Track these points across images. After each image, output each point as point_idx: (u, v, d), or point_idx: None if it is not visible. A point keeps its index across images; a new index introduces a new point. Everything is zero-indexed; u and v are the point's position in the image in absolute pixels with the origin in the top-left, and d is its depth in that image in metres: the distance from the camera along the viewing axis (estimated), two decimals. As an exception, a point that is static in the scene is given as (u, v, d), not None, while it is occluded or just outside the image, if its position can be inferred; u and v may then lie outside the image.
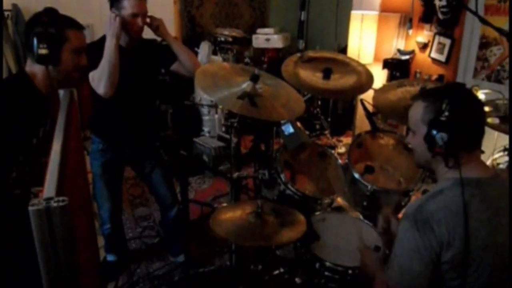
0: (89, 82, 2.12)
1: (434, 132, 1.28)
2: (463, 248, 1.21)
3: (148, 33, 2.35)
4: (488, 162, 2.70)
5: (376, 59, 4.12)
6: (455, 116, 1.25)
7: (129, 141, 2.39)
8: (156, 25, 2.26)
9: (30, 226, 0.74)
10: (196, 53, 4.57)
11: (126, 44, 2.23)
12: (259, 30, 5.56)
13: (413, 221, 1.27)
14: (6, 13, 4.16)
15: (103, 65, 2.06)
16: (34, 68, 1.59)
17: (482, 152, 1.36)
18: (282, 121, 2.10)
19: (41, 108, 1.61)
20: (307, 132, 2.57)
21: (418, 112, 1.34)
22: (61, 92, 1.63)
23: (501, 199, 1.29)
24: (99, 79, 2.07)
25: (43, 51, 1.52)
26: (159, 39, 2.38)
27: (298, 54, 2.50)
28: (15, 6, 4.22)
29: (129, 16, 2.13)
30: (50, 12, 1.58)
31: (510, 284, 1.27)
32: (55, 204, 0.72)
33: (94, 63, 2.15)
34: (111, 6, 2.17)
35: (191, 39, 5.26)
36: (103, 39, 2.17)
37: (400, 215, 1.92)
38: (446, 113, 1.25)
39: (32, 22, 1.55)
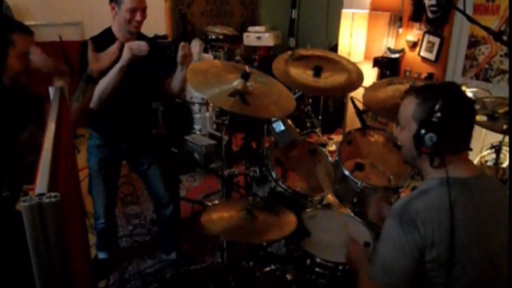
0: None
1: (424, 132, 1.26)
2: (448, 247, 1.20)
3: (147, 31, 2.34)
4: (476, 160, 2.74)
5: (366, 57, 4.14)
6: (447, 118, 1.24)
7: (127, 137, 2.38)
8: (187, 59, 2.23)
9: (20, 224, 0.74)
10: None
11: (125, 39, 2.21)
12: (250, 28, 5.56)
13: (399, 219, 1.26)
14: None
15: (102, 83, 2.06)
16: None
17: (470, 149, 1.35)
18: (273, 119, 2.11)
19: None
20: (297, 130, 2.58)
21: (409, 108, 1.31)
22: (51, 89, 1.61)
23: (487, 198, 1.29)
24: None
25: None
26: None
27: (289, 52, 2.51)
28: (3, 3, 4.17)
29: (128, 10, 2.11)
30: None
31: (508, 283, 1.27)
32: (47, 200, 0.71)
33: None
34: (111, 0, 2.16)
35: (182, 37, 5.24)
36: (103, 32, 2.16)
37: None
38: (438, 114, 1.24)
39: None
